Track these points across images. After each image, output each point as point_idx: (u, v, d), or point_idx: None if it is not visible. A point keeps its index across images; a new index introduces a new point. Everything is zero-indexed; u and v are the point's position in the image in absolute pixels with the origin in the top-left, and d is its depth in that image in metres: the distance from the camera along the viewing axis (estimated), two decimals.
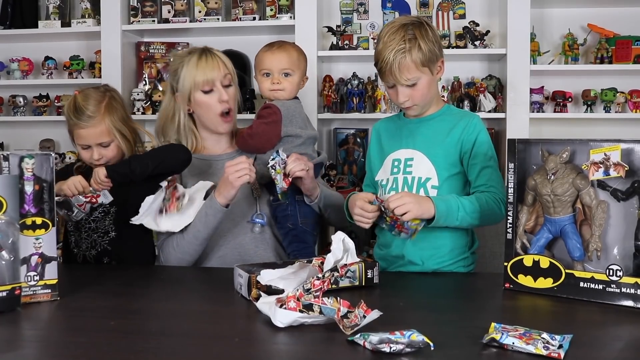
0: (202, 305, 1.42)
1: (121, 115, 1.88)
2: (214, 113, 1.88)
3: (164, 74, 3.27)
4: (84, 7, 3.21)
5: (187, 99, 1.89)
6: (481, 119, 1.75)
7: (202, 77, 1.85)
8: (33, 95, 3.33)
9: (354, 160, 3.13)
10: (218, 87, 1.87)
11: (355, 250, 1.33)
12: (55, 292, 1.39)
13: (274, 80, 1.89)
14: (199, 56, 1.87)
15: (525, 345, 1.03)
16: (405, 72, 1.63)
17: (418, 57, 1.63)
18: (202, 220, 1.76)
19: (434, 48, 1.66)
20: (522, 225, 1.45)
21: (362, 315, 1.14)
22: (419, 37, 1.63)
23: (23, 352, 1.10)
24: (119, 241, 1.84)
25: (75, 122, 1.82)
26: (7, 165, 1.34)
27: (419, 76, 1.65)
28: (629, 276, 1.30)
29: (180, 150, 1.81)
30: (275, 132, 1.85)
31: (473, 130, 1.70)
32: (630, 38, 2.89)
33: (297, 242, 1.84)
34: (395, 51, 1.62)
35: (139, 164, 1.73)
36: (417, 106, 1.71)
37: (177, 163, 1.78)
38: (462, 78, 3.06)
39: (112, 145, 1.85)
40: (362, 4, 3.20)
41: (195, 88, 1.86)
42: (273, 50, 1.91)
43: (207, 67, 1.86)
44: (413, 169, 1.71)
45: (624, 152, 1.31)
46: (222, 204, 1.74)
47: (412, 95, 1.67)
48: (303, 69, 1.94)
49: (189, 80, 1.86)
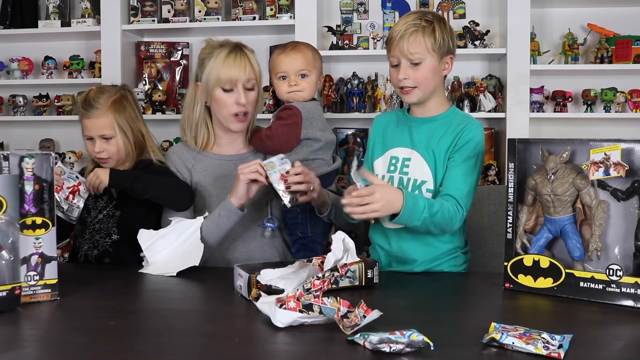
0: (202, 305, 1.42)
1: (129, 114, 1.90)
2: (228, 112, 1.85)
3: (164, 73, 3.27)
4: (83, 6, 3.21)
5: (207, 91, 1.86)
6: (482, 127, 1.71)
7: (225, 75, 1.81)
8: (33, 95, 3.33)
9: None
10: (239, 88, 1.83)
11: (355, 250, 1.33)
12: (55, 292, 1.39)
13: (291, 83, 1.87)
14: (228, 52, 1.83)
15: (525, 345, 1.03)
16: (414, 44, 1.63)
17: (429, 39, 1.63)
18: (214, 221, 1.74)
19: (447, 40, 1.66)
20: (522, 225, 1.45)
21: (362, 315, 1.14)
22: (435, 24, 1.64)
23: (23, 352, 1.10)
24: (121, 244, 1.85)
25: (82, 113, 1.89)
26: (7, 165, 1.34)
27: (425, 56, 1.64)
28: (629, 276, 1.30)
29: (186, 195, 1.83)
30: (295, 134, 1.83)
31: (467, 134, 1.66)
32: (630, 38, 2.89)
33: (305, 251, 1.82)
34: (408, 24, 1.63)
35: (141, 185, 1.78)
36: (418, 90, 1.67)
37: (176, 205, 1.82)
38: (462, 78, 3.06)
39: (113, 141, 1.87)
40: (362, 3, 3.19)
41: (216, 84, 1.83)
42: (287, 52, 1.89)
43: (234, 67, 1.82)
44: (410, 170, 1.69)
45: (624, 152, 1.31)
46: (235, 205, 1.72)
47: (414, 75, 1.65)
48: (319, 68, 1.92)
49: (213, 74, 1.82)
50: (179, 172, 1.91)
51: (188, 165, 1.92)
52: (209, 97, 1.86)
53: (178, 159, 1.93)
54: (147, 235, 1.73)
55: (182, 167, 1.92)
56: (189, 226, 1.73)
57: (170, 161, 1.94)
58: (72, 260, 1.98)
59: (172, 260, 1.68)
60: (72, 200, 1.77)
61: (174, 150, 1.97)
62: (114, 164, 1.89)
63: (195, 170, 1.91)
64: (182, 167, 1.92)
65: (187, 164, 1.92)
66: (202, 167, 1.91)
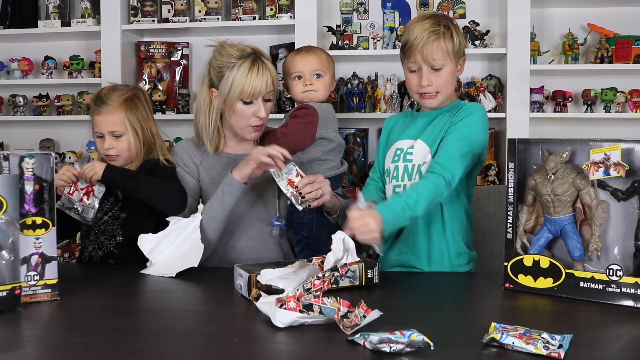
0: (202, 305, 1.42)
1: (141, 114, 1.91)
2: (246, 123, 1.85)
3: (164, 73, 3.27)
4: (83, 6, 3.21)
5: (226, 102, 1.84)
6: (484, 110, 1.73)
7: (249, 88, 1.80)
8: (33, 95, 3.33)
9: (354, 160, 3.13)
10: (259, 101, 1.83)
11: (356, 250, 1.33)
12: (55, 292, 1.39)
13: (307, 82, 1.91)
14: (251, 64, 1.81)
15: (525, 345, 1.03)
16: (437, 51, 1.65)
17: (449, 44, 1.66)
18: (219, 199, 1.75)
19: (462, 43, 1.70)
20: (522, 225, 1.45)
21: (362, 315, 1.14)
22: (452, 28, 1.68)
23: (23, 352, 1.10)
24: (125, 245, 1.85)
25: (94, 109, 1.90)
26: (7, 165, 1.34)
27: (446, 62, 1.67)
28: (629, 276, 1.30)
29: (177, 201, 1.81)
30: (310, 132, 1.86)
31: (462, 113, 1.68)
32: (630, 38, 2.89)
33: (309, 251, 1.81)
34: (429, 31, 1.65)
35: (133, 184, 1.78)
36: (439, 94, 1.70)
37: (167, 209, 1.80)
38: (462, 78, 3.05)
39: (123, 138, 1.88)
40: (362, 3, 3.19)
41: (239, 96, 1.81)
42: (302, 53, 1.96)
43: (257, 80, 1.81)
44: (413, 157, 1.72)
45: (624, 152, 1.31)
46: (238, 180, 1.73)
47: (436, 81, 1.68)
48: (332, 71, 1.97)
49: (236, 87, 1.80)
50: (186, 167, 1.92)
51: (196, 162, 1.93)
52: (228, 108, 1.85)
53: (185, 154, 1.94)
54: (147, 240, 1.72)
55: (189, 162, 1.93)
56: (187, 226, 1.72)
57: (178, 156, 1.95)
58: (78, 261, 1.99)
59: (172, 261, 1.67)
60: (87, 201, 1.78)
61: (182, 146, 1.98)
62: (122, 163, 1.89)
63: (202, 167, 1.92)
64: (190, 162, 1.93)
65: (194, 159, 1.93)
66: (210, 165, 1.92)
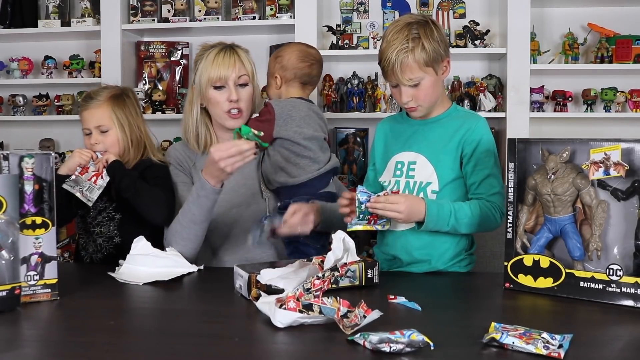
0: (202, 305, 1.42)
1: (129, 111, 1.92)
2: (221, 110, 1.87)
3: (164, 73, 3.27)
4: (83, 6, 3.21)
5: (200, 92, 1.89)
6: (485, 122, 1.72)
7: (215, 73, 1.84)
8: (33, 95, 3.33)
9: (354, 160, 3.13)
10: (230, 85, 1.85)
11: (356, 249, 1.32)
12: (55, 292, 1.39)
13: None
14: (217, 52, 1.87)
15: (525, 345, 1.03)
16: (407, 71, 1.62)
17: (421, 57, 1.61)
18: (195, 202, 1.72)
19: (439, 48, 1.64)
20: (522, 224, 1.45)
21: (362, 315, 1.14)
22: (422, 37, 1.62)
23: (23, 352, 1.10)
24: (124, 247, 1.84)
25: (82, 105, 1.93)
26: (7, 165, 1.34)
27: (422, 76, 1.63)
28: (629, 276, 1.30)
29: (160, 213, 1.80)
30: (268, 131, 1.84)
31: (476, 133, 1.67)
32: (630, 37, 2.89)
33: (299, 254, 1.80)
34: (397, 50, 1.61)
35: (124, 184, 1.80)
36: (422, 107, 1.69)
37: (147, 217, 1.80)
38: (462, 77, 3.06)
39: (110, 133, 1.89)
40: (362, 3, 3.19)
41: (208, 83, 1.86)
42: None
43: (223, 64, 1.85)
44: (416, 173, 1.70)
45: (624, 152, 1.31)
46: (212, 185, 1.68)
47: (416, 95, 1.65)
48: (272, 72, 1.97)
49: (204, 74, 1.86)
50: (179, 166, 1.92)
51: (189, 163, 1.94)
52: (204, 98, 1.89)
53: (179, 154, 1.95)
54: (141, 245, 1.67)
55: (184, 161, 1.94)
56: (182, 265, 1.67)
57: (171, 157, 1.95)
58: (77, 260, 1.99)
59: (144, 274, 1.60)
60: (95, 182, 1.80)
61: (176, 147, 1.99)
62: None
63: (195, 168, 1.92)
64: (184, 161, 1.94)
65: (188, 160, 1.94)
66: (202, 165, 1.90)
